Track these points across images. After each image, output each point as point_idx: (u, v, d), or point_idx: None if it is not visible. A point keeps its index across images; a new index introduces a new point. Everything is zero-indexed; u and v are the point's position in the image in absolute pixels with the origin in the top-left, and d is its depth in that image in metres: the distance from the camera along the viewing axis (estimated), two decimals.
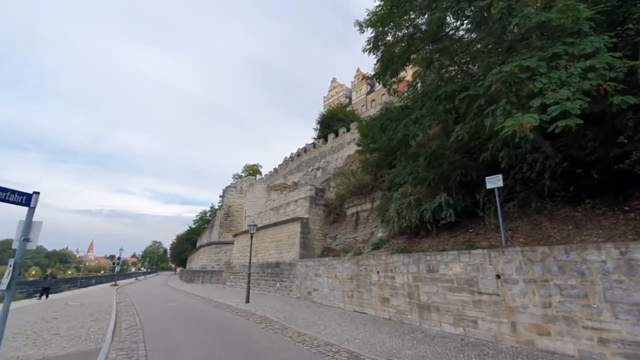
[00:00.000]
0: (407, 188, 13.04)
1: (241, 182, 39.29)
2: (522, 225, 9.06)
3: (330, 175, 33.05)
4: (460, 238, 10.29)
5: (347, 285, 13.23)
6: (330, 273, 14.75)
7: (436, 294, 9.03)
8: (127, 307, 16.75)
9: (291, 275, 19.23)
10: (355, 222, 19.40)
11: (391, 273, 10.80)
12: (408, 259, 10.18)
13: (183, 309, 15.75)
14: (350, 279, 13.04)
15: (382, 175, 17.76)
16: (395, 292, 10.50)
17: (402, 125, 9.96)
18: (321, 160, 46.05)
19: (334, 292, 14.18)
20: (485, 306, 7.70)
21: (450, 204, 10.27)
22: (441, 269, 8.97)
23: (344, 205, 20.43)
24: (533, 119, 5.35)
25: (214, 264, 34.31)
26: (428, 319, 9.18)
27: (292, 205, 22.74)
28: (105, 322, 12.09)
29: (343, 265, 13.70)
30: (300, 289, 17.65)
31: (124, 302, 19.84)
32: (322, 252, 20.36)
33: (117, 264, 43.03)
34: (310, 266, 16.99)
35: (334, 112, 51.22)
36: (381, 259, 11.39)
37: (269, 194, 30.31)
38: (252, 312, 13.73)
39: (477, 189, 10.46)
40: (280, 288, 19.92)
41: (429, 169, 10.85)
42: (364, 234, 18.62)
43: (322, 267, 15.62)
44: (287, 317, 11.91)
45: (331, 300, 14.30)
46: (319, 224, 21.09)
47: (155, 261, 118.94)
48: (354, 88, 75.67)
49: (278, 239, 22.04)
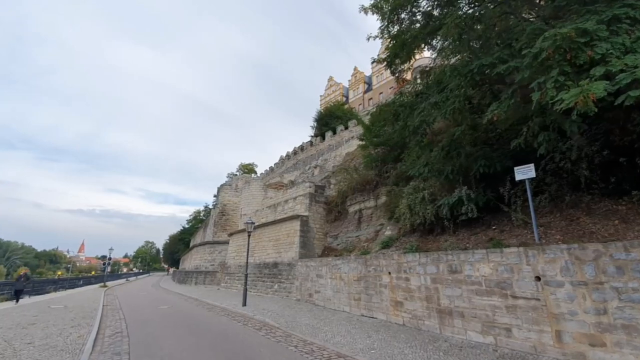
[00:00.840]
0: (418, 182, 12.10)
1: (236, 180, 38.08)
2: (554, 221, 8.12)
3: (329, 172, 32.02)
4: (482, 236, 9.33)
5: (353, 287, 12.22)
6: (334, 274, 13.72)
7: (460, 298, 8.04)
8: (114, 311, 15.54)
9: (290, 276, 18.16)
10: (358, 220, 18.41)
11: (405, 274, 9.80)
12: (425, 258, 9.19)
13: (175, 312, 14.59)
14: (357, 281, 12.02)
15: (388, 170, 16.81)
16: (411, 295, 9.50)
17: (419, 110, 8.99)
18: (318, 158, 45.02)
19: (338, 294, 13.15)
20: (521, 312, 6.73)
21: (472, 198, 9.31)
22: (466, 270, 7.99)
23: (345, 202, 19.42)
24: (601, 88, 4.39)
25: (208, 264, 33.08)
26: (450, 325, 8.19)
27: (290, 202, 21.67)
28: (88, 328, 10.92)
29: (349, 266, 12.68)
30: (301, 290, 16.59)
31: (111, 304, 18.61)
32: (322, 251, 19.33)
33: (107, 265, 41.55)
34: (311, 266, 15.95)
35: (332, 110, 50.27)
36: (393, 259, 10.39)
37: (265, 191, 29.18)
38: (249, 316, 12.64)
39: (499, 182, 9.54)
40: (279, 290, 18.83)
41: (447, 160, 9.88)
42: (368, 233, 17.63)
43: (324, 267, 14.59)
44: (289, 322, 10.86)
45: (335, 303, 13.27)
46: (319, 222, 20.05)
47: (147, 262, 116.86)
48: (351, 87, 74.91)
49: (276, 238, 20.95)
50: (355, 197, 18.75)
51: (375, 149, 18.55)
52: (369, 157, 18.56)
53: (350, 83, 74.93)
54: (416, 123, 8.84)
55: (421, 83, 11.54)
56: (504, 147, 9.62)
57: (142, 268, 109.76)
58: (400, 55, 12.96)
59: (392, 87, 60.38)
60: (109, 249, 36.90)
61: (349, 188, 18.98)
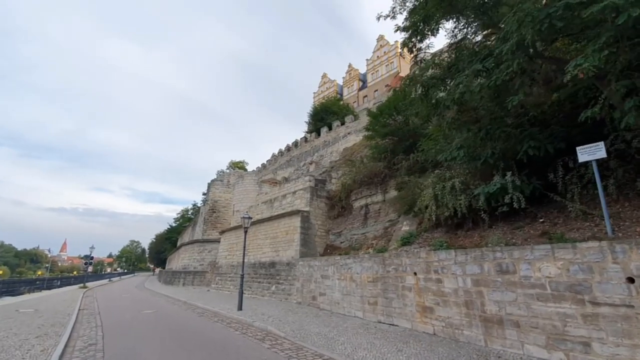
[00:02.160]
0: (443, 170, 10.68)
1: (228, 175, 36.19)
2: (625, 211, 6.79)
3: (326, 168, 30.49)
4: (529, 230, 7.95)
5: (367, 290, 10.71)
6: (342, 274, 12.20)
7: (514, 304, 6.62)
8: (90, 316, 13.67)
9: (290, 276, 16.57)
10: (365, 216, 16.94)
11: (436, 275, 8.34)
12: (464, 256, 7.75)
13: (161, 318, 12.83)
14: (372, 282, 10.53)
15: (399, 161, 15.38)
16: (444, 300, 8.05)
17: (457, 81, 7.54)
18: (314, 154, 43.46)
19: (348, 297, 11.64)
20: (606, 322, 5.33)
21: (517, 186, 7.91)
22: (522, 270, 6.58)
23: (350, 197, 17.94)
24: None
25: (197, 264, 31.12)
26: (500, 337, 6.76)
27: (289, 197, 20.06)
28: (56, 339, 9.13)
29: (362, 265, 11.18)
30: (302, 293, 15.02)
31: (89, 308, 16.68)
32: (324, 250, 17.80)
33: (88, 264, 39.00)
34: (315, 266, 14.39)
35: (328, 105, 48.78)
36: (420, 257, 8.92)
37: (260, 187, 27.52)
38: (248, 322, 11.01)
39: (546, 168, 8.20)
40: (277, 292, 17.21)
41: (485, 143, 8.48)
42: (376, 229, 16.18)
43: (331, 267, 13.05)
44: (296, 331, 9.28)
45: (345, 308, 11.75)
46: (321, 219, 18.51)
47: (132, 261, 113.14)
48: (345, 84, 73.73)
49: (273, 236, 19.31)
50: (361, 191, 17.28)
51: (383, 139, 17.11)
52: (376, 148, 17.10)
53: (345, 80, 73.72)
54: (456, 95, 7.38)
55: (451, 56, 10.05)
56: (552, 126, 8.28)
57: (127, 268, 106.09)
58: (420, 30, 11.50)
59: (387, 85, 59.46)
60: (90, 247, 34.53)
61: (354, 181, 17.50)
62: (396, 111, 15.87)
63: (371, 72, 66.80)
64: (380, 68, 65.16)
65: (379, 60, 65.92)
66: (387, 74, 62.98)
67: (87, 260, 38.47)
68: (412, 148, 15.73)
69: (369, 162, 17.41)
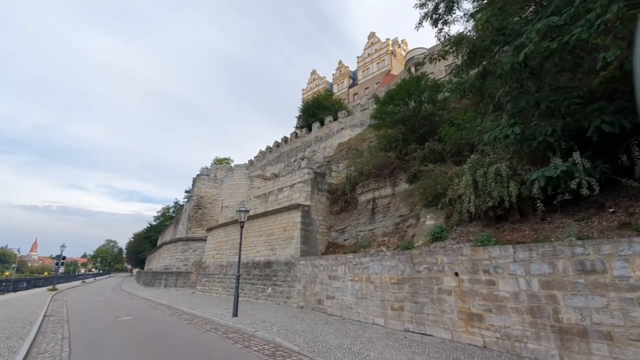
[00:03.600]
0: (480, 155, 9.33)
1: (215, 169, 34.03)
2: None
3: (320, 162, 28.94)
4: (599, 221, 6.65)
5: (390, 293, 9.22)
6: (356, 275, 10.67)
7: (604, 311, 5.27)
8: (57, 325, 11.61)
9: (289, 277, 14.91)
10: (372, 211, 15.49)
11: (487, 275, 6.94)
12: (528, 252, 6.36)
13: (142, 326, 10.92)
14: (397, 284, 9.04)
15: (412, 151, 13.98)
16: (498, 306, 6.65)
17: (523, 39, 6.17)
18: (305, 150, 41.85)
19: (364, 301, 10.12)
20: None
21: (587, 169, 6.61)
22: (615, 269, 5.24)
23: (355, 190, 16.44)
24: None
25: (180, 264, 28.90)
26: (583, 352, 5.40)
27: (286, 190, 18.38)
28: (7, 357, 7.21)
29: (382, 264, 9.69)
30: (305, 295, 13.40)
31: (56, 314, 14.51)
32: (326, 248, 16.24)
33: (60, 264, 35.86)
34: (320, 266, 12.80)
35: (320, 100, 47.25)
36: (462, 254, 7.50)
37: (251, 181, 25.66)
38: (249, 332, 9.31)
39: (612, 150, 6.96)
40: (273, 294, 15.50)
41: (543, 119, 7.16)
42: (385, 225, 14.76)
43: (341, 266, 11.51)
44: (312, 344, 7.68)
45: (360, 313, 10.22)
46: (323, 214, 16.93)
47: (108, 262, 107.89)
48: (335, 81, 72.39)
49: (268, 233, 17.58)
50: (368, 183, 15.82)
51: (393, 128, 15.71)
52: (385, 137, 15.67)
53: (335, 77, 72.38)
54: (520, 57, 5.97)
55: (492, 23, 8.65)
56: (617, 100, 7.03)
57: (102, 268, 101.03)
58: None
59: (378, 83, 58.57)
60: (61, 246, 31.60)
61: (361, 174, 16.01)
62: (409, 96, 14.49)
63: (362, 69, 65.74)
64: (372, 65, 64.18)
65: (369, 57, 64.93)
66: (378, 71, 62.08)
67: (58, 260, 35.39)
68: (425, 137, 14.43)
69: (378, 153, 15.95)
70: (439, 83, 15.15)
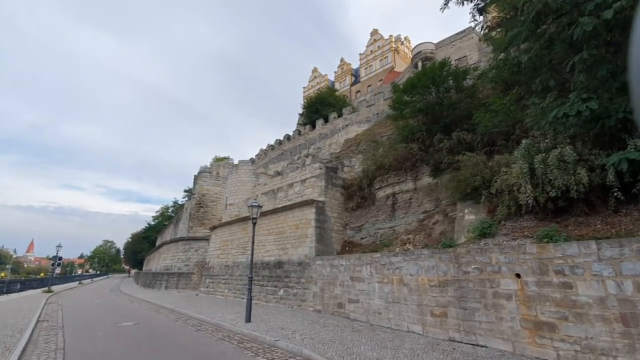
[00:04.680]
0: (534, 140, 8.24)
1: (217, 166, 32.83)
2: None
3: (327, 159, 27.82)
4: None
5: (429, 297, 8.14)
6: (385, 276, 9.58)
7: None
8: (50, 332, 10.46)
9: (303, 279, 13.80)
10: (392, 207, 14.42)
11: (560, 277, 5.86)
12: (617, 249, 5.29)
13: (145, 334, 9.78)
14: (438, 286, 7.96)
15: (439, 142, 12.89)
16: (577, 313, 5.58)
17: None
18: (309, 147, 40.72)
19: (396, 306, 9.02)
20: None
21: None
22: None
23: (373, 185, 15.36)
24: None
25: (182, 264, 27.72)
26: None
27: (297, 186, 17.26)
28: None
29: (417, 264, 8.59)
30: (322, 298, 12.29)
31: (51, 319, 13.35)
32: (342, 247, 15.15)
33: (56, 265, 34.55)
34: (340, 266, 11.69)
35: (323, 96, 46.12)
36: (526, 252, 6.42)
37: (257, 177, 24.54)
38: (268, 342, 8.20)
39: None
40: (286, 297, 14.39)
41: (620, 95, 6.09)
42: (408, 222, 13.70)
43: (366, 267, 10.41)
44: (345, 356, 6.59)
45: (391, 319, 9.12)
46: (337, 211, 15.84)
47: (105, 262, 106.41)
48: (337, 79, 71.30)
49: (279, 231, 16.47)
50: (388, 178, 14.74)
51: (414, 118, 14.63)
52: (406, 128, 14.57)
53: (336, 75, 71.29)
54: (619, 5, 4.90)
55: None
56: None
57: (100, 269, 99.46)
58: None
59: (381, 80, 57.57)
60: (57, 246, 30.35)
61: (379, 167, 14.92)
62: (434, 83, 13.40)
63: (364, 66, 64.71)
64: (374, 63, 63.15)
65: (372, 54, 63.91)
66: (381, 68, 61.07)
67: (55, 260, 34.09)
68: (451, 127, 13.36)
69: (396, 144, 14.87)
70: (465, 70, 14.11)
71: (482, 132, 11.58)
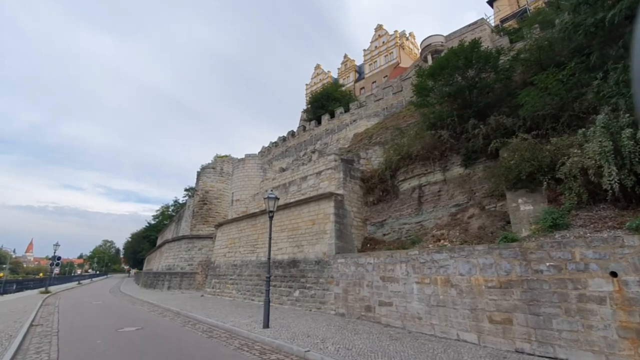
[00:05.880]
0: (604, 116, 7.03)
1: (222, 162, 31.59)
2: None
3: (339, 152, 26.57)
4: None
5: (486, 300, 6.93)
6: (426, 276, 8.37)
7: None
8: (44, 339, 9.26)
9: (321, 279, 12.59)
10: (419, 200, 13.20)
11: None
12: None
13: (151, 342, 8.54)
14: (499, 288, 6.75)
15: (474, 127, 11.68)
16: None
17: None
18: (315, 142, 39.50)
19: (441, 310, 7.81)
20: None
21: None
22: None
23: (396, 177, 14.15)
24: None
25: (185, 263, 26.49)
26: None
27: (311, 179, 16.04)
28: None
29: (470, 262, 7.39)
30: (346, 300, 11.08)
31: (46, 322, 12.20)
32: (362, 244, 13.95)
33: (54, 265, 33.28)
34: (367, 265, 10.48)
35: (329, 91, 44.86)
36: (624, 245, 5.22)
37: (264, 172, 23.32)
38: (297, 353, 6.99)
39: None
40: (302, 298, 13.18)
41: None
42: (436, 217, 12.51)
43: (401, 265, 9.19)
44: None
45: (435, 326, 7.91)
46: (357, 205, 14.62)
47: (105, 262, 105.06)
48: (341, 75, 70.03)
49: (292, 227, 15.25)
50: (413, 168, 13.53)
51: (441, 104, 13.41)
52: (434, 114, 13.32)
53: (340, 71, 70.05)
54: None
55: None
56: None
57: (99, 269, 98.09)
58: None
59: (386, 76, 56.33)
60: (55, 245, 29.10)
61: (403, 157, 13.71)
62: (467, 64, 12.18)
63: (368, 63, 63.51)
64: (379, 59, 61.94)
65: (377, 50, 62.72)
66: (386, 64, 59.85)
67: (53, 260, 32.82)
68: (486, 111, 12.16)
69: (422, 132, 13.65)
70: (498, 49, 12.90)
71: (525, 115, 10.40)
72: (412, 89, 16.05)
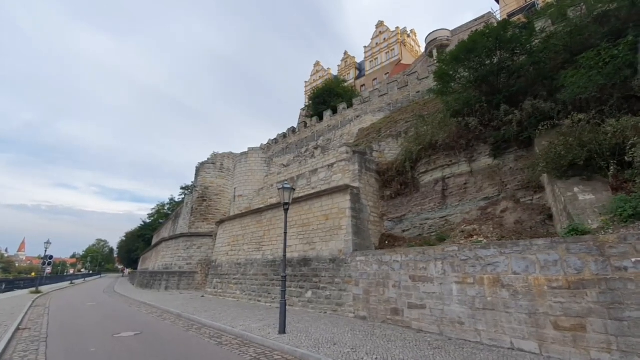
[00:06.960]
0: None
1: (222, 157, 30.40)
2: None
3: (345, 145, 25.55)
4: None
5: (549, 303, 5.94)
6: (468, 275, 7.37)
7: None
8: (30, 346, 8.15)
9: (338, 278, 11.54)
10: (442, 193, 12.22)
11: None
12: None
13: (153, 350, 7.42)
14: (567, 289, 5.76)
15: (507, 113, 10.71)
16: None
17: None
18: (318, 139, 38.44)
19: (489, 314, 6.81)
20: None
21: None
22: None
23: (416, 169, 13.15)
24: None
25: (183, 262, 25.28)
26: None
27: (322, 172, 14.99)
28: None
29: (526, 259, 6.39)
30: (368, 302, 10.04)
31: (34, 326, 11.05)
32: (380, 241, 12.94)
33: (46, 264, 31.85)
34: (394, 262, 9.45)
35: (332, 87, 43.83)
36: None
37: (268, 166, 22.21)
38: None
39: None
40: (316, 300, 12.12)
41: None
42: (463, 211, 11.55)
43: (436, 263, 8.18)
44: None
45: (480, 332, 6.91)
46: (373, 199, 13.60)
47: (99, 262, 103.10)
48: (341, 72, 69.06)
49: (303, 223, 14.19)
50: (436, 159, 12.54)
51: (467, 89, 12.42)
52: (459, 100, 12.34)
53: (340, 68, 69.11)
54: None
55: None
56: None
57: (93, 269, 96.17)
58: None
59: (387, 73, 55.46)
60: (46, 243, 27.74)
61: (426, 147, 12.71)
62: (498, 45, 11.20)
63: (369, 59, 62.60)
64: (380, 55, 61.05)
65: (378, 47, 61.84)
66: (387, 61, 58.99)
67: (45, 259, 31.40)
68: (518, 97, 11.20)
69: (446, 120, 12.66)
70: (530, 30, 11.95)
71: (566, 99, 9.45)
72: (433, 77, 15.03)
